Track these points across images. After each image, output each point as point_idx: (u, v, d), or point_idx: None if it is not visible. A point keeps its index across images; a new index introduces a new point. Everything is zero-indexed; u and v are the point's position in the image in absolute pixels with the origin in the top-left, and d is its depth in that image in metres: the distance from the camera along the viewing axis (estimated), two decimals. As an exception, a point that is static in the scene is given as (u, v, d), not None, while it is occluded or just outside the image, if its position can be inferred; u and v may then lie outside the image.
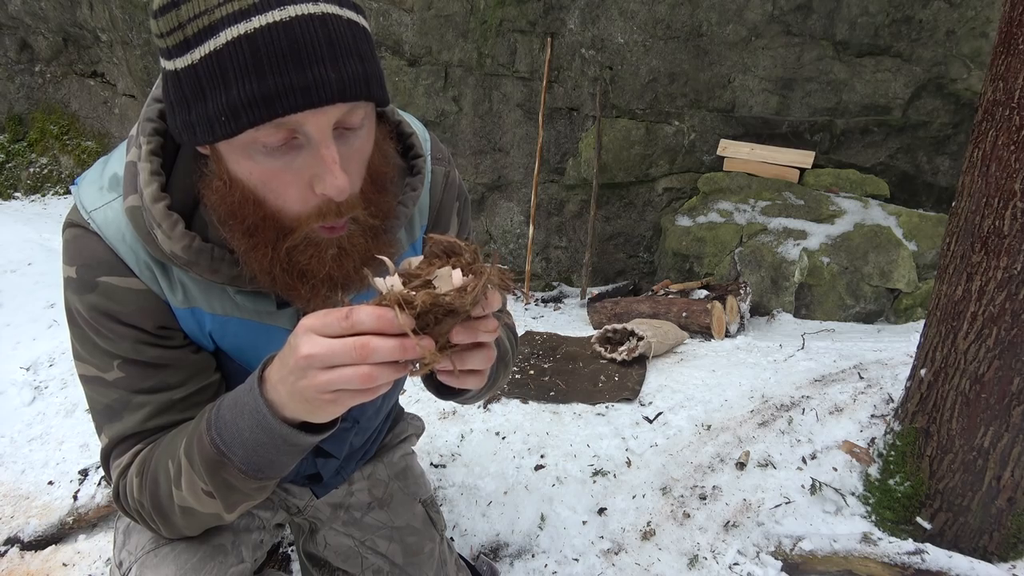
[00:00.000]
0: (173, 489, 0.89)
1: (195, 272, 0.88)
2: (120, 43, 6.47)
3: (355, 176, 0.82)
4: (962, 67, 4.43)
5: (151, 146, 0.86)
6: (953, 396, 1.68)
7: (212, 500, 0.88)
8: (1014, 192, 1.52)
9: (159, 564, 1.05)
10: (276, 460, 0.83)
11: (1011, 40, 1.52)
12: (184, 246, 0.85)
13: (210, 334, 0.98)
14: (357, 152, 0.81)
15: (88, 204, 0.91)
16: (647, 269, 5.35)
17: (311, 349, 0.68)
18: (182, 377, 0.96)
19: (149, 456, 0.93)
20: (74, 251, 0.91)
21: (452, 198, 1.14)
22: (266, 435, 0.80)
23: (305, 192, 0.78)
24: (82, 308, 0.91)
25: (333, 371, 0.68)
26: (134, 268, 0.90)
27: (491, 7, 4.98)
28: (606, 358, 2.86)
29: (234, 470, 0.83)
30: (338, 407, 0.73)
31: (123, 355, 0.93)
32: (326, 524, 1.42)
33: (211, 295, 0.95)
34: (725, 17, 4.61)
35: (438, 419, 2.43)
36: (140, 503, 0.93)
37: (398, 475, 1.50)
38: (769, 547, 1.74)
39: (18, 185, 7.22)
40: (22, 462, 2.47)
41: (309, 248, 0.82)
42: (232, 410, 0.82)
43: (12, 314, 3.52)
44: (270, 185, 0.78)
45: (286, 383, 0.73)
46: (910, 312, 4.20)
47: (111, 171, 0.93)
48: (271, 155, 0.75)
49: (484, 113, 5.28)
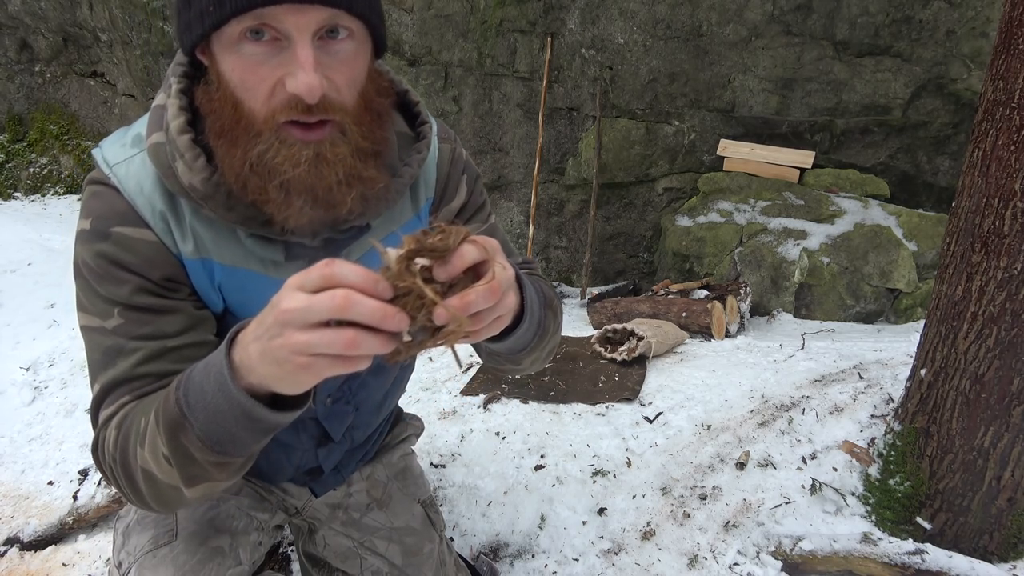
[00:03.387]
0: (138, 448, 0.84)
1: (210, 208, 0.91)
2: (120, 43, 6.47)
3: (340, 87, 0.83)
4: (962, 67, 4.42)
5: (180, 85, 0.92)
6: (953, 396, 1.68)
7: (170, 468, 0.82)
8: (1014, 192, 1.52)
9: (157, 565, 1.05)
10: (235, 434, 0.77)
11: (1011, 40, 1.52)
12: (203, 179, 0.88)
13: (219, 286, 0.99)
14: (342, 64, 0.83)
15: (111, 159, 0.95)
16: (647, 269, 5.35)
17: (291, 304, 0.64)
18: (179, 327, 0.95)
19: (131, 411, 0.90)
20: (92, 205, 0.94)
21: (459, 172, 1.16)
22: (225, 401, 0.74)
23: (277, 89, 0.81)
24: (90, 257, 0.93)
25: (313, 332, 0.63)
26: (149, 219, 0.93)
27: (491, 7, 4.98)
28: (606, 358, 2.86)
29: (193, 436, 0.77)
30: (311, 375, 0.67)
31: (124, 302, 0.93)
32: (324, 524, 1.41)
33: (221, 243, 0.96)
34: (725, 17, 4.61)
35: (438, 419, 2.43)
36: (113, 458, 0.89)
37: (397, 475, 1.50)
38: (769, 547, 1.74)
39: (18, 185, 7.22)
40: (22, 462, 2.47)
41: (281, 149, 0.82)
42: (203, 371, 0.77)
43: (12, 314, 3.52)
44: (247, 83, 0.81)
45: (260, 341, 0.68)
46: (910, 312, 4.20)
47: (133, 132, 0.98)
48: (253, 51, 0.79)
49: (484, 113, 5.28)
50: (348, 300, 0.61)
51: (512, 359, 1.03)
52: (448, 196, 1.15)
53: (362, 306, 0.61)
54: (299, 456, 1.26)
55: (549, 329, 1.04)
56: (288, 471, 1.29)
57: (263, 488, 1.34)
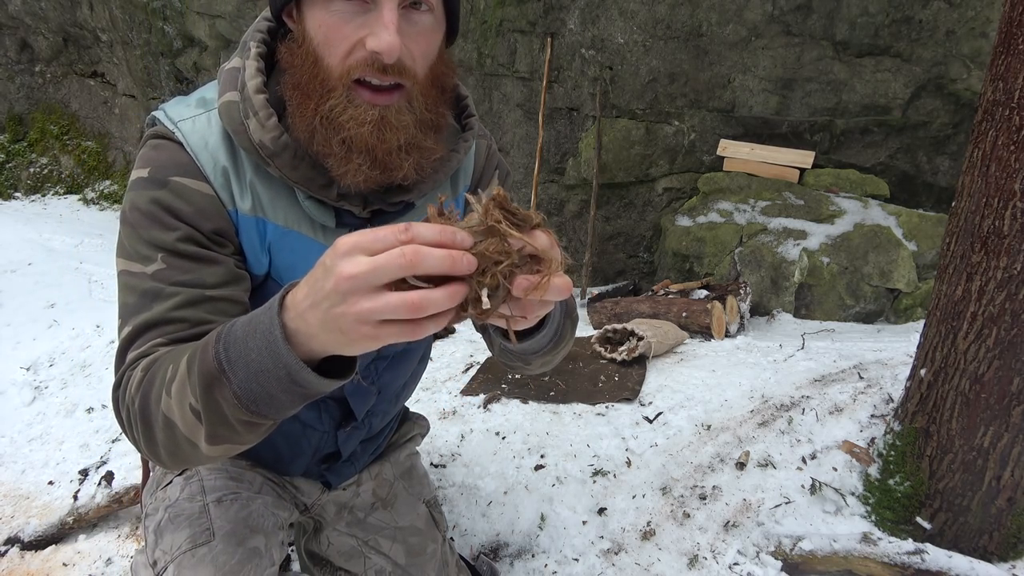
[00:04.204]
0: (163, 394, 0.81)
1: (276, 165, 0.95)
2: (120, 43, 6.47)
3: (415, 56, 0.89)
4: (962, 67, 4.42)
5: (259, 50, 0.98)
6: (953, 396, 1.68)
7: (196, 422, 0.79)
8: (1014, 192, 1.52)
9: (197, 565, 1.04)
10: (275, 396, 0.74)
11: (1011, 40, 1.52)
12: (273, 137, 0.93)
13: (269, 246, 1.02)
14: (419, 35, 0.89)
15: (175, 116, 0.99)
16: (647, 269, 5.35)
17: (354, 268, 0.60)
18: (220, 279, 0.95)
19: (161, 355, 0.87)
20: (152, 156, 0.97)
21: (492, 167, 1.23)
22: (272, 362, 0.71)
23: (357, 47, 0.86)
24: (143, 202, 0.94)
25: (379, 297, 0.60)
26: (210, 173, 0.97)
27: (491, 7, 4.98)
28: (606, 358, 2.86)
29: (229, 392, 0.74)
30: (376, 342, 0.64)
31: (169, 248, 0.93)
32: (330, 525, 1.42)
33: (278, 203, 1.00)
34: (725, 17, 4.61)
35: (438, 419, 2.44)
36: (132, 400, 0.86)
37: (403, 475, 1.50)
38: (769, 547, 1.74)
39: (18, 185, 7.22)
40: (22, 462, 2.47)
41: (350, 107, 0.88)
42: (246, 327, 0.74)
43: (12, 314, 3.52)
44: (330, 38, 0.87)
45: (319, 308, 0.65)
46: (910, 312, 4.20)
47: (198, 95, 1.02)
48: (342, 9, 0.86)
49: (484, 113, 5.29)
50: (417, 254, 0.59)
51: (524, 359, 1.05)
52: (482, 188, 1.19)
53: (432, 257, 0.59)
54: (318, 438, 1.27)
55: (565, 336, 1.06)
56: (307, 455, 1.29)
57: (278, 484, 1.34)
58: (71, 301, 3.67)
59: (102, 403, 2.75)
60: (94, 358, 3.11)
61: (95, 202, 6.96)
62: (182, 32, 6.17)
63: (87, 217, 6.56)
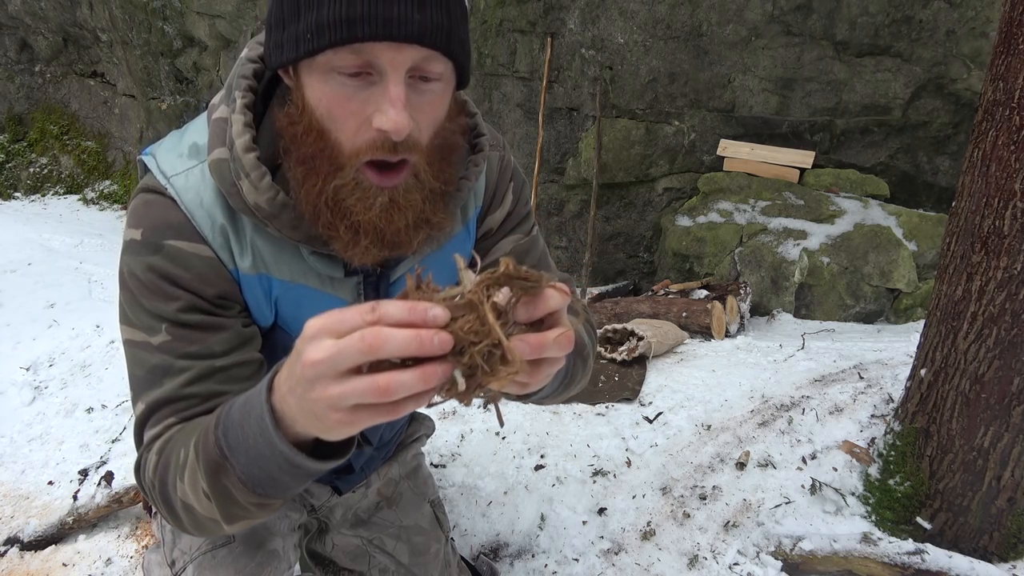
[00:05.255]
0: (177, 480, 0.82)
1: (275, 227, 0.90)
2: (120, 43, 6.47)
3: (421, 128, 0.83)
4: (962, 67, 4.42)
5: (245, 100, 0.90)
6: (953, 396, 1.68)
7: (210, 504, 0.80)
8: (1014, 192, 1.52)
9: (217, 567, 1.03)
10: (278, 479, 0.74)
11: (1011, 40, 1.52)
12: (268, 198, 0.87)
13: (275, 301, 0.98)
14: (427, 105, 0.83)
15: (168, 170, 0.92)
16: (647, 269, 5.35)
17: (317, 354, 0.58)
18: (228, 346, 0.93)
19: (173, 436, 0.88)
20: (144, 214, 0.91)
21: (507, 180, 1.15)
22: (268, 448, 0.70)
23: (364, 126, 0.80)
24: (140, 270, 0.90)
25: (345, 382, 0.57)
26: (207, 234, 0.91)
27: (491, 7, 4.98)
28: (606, 358, 2.86)
29: (234, 478, 0.75)
30: (353, 427, 0.62)
31: (172, 318, 0.90)
32: (336, 528, 1.41)
33: (282, 259, 0.95)
34: (725, 17, 4.61)
35: (438, 419, 2.44)
36: (152, 484, 0.87)
37: (409, 474, 1.50)
38: (769, 547, 1.74)
39: (18, 185, 7.23)
40: (22, 462, 2.47)
41: (357, 190, 0.82)
42: (241, 411, 0.73)
43: (12, 314, 3.52)
44: (334, 114, 0.80)
45: (295, 394, 0.63)
46: (910, 312, 4.20)
47: (189, 141, 0.95)
48: (344, 84, 0.78)
49: (484, 113, 5.28)
50: (378, 337, 0.55)
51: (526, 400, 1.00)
52: (495, 205, 1.13)
53: (395, 339, 0.55)
54: None
55: (576, 378, 1.01)
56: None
57: None
58: (71, 301, 3.67)
59: (102, 403, 2.75)
60: (94, 358, 3.11)
61: (95, 202, 6.96)
62: (182, 32, 6.17)
63: (87, 217, 6.56)
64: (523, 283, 0.58)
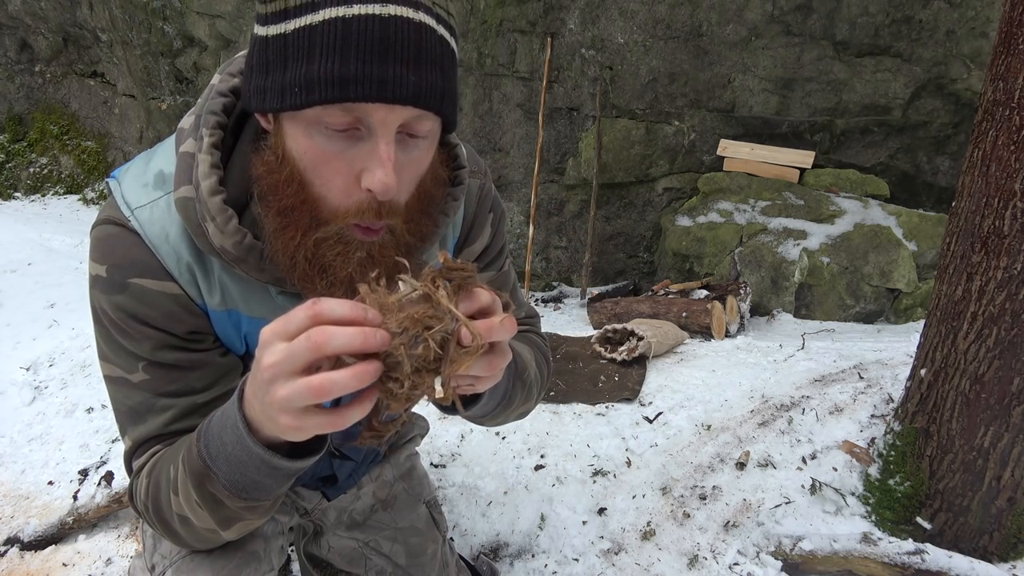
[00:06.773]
0: (171, 496, 0.85)
1: (242, 269, 0.88)
2: (120, 43, 6.47)
3: (405, 185, 0.81)
4: (962, 67, 4.42)
5: (213, 139, 0.86)
6: (953, 396, 1.68)
7: (204, 513, 0.83)
8: (1014, 192, 1.52)
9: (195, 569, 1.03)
10: (260, 482, 0.77)
11: (1011, 40, 1.52)
12: (235, 242, 0.85)
13: (245, 336, 0.98)
14: (414, 162, 0.81)
15: (132, 201, 0.89)
16: (647, 269, 5.35)
17: (271, 358, 0.61)
18: (208, 381, 0.94)
19: (160, 457, 0.90)
20: (106, 249, 0.89)
21: (486, 210, 1.13)
22: (245, 453, 0.74)
23: (351, 185, 0.77)
24: (109, 308, 0.89)
25: (291, 383, 0.60)
26: (173, 269, 0.89)
27: (491, 7, 4.98)
28: (606, 358, 2.86)
29: (219, 485, 0.78)
30: (302, 433, 0.65)
31: (148, 357, 0.91)
32: (331, 530, 1.41)
33: (251, 296, 0.94)
34: (725, 17, 4.61)
35: (438, 419, 2.43)
36: (145, 505, 0.91)
37: (403, 476, 1.50)
38: (769, 547, 1.74)
39: (18, 185, 7.22)
40: (22, 462, 2.47)
41: (338, 245, 0.80)
42: (220, 422, 0.77)
43: (12, 314, 3.52)
44: (319, 169, 0.77)
45: (257, 398, 0.67)
46: (910, 312, 4.20)
47: (155, 168, 0.92)
48: (331, 138, 0.75)
49: (484, 113, 5.28)
50: (323, 335, 0.58)
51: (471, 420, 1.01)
52: (473, 236, 1.12)
53: (339, 336, 0.58)
54: (315, 465, 1.26)
55: (515, 400, 1.01)
56: (303, 477, 1.30)
57: None
58: (71, 301, 3.66)
59: (102, 403, 2.75)
60: (94, 358, 3.11)
61: (95, 202, 6.96)
62: (182, 32, 6.17)
63: (87, 217, 6.56)
64: (460, 273, 0.62)
